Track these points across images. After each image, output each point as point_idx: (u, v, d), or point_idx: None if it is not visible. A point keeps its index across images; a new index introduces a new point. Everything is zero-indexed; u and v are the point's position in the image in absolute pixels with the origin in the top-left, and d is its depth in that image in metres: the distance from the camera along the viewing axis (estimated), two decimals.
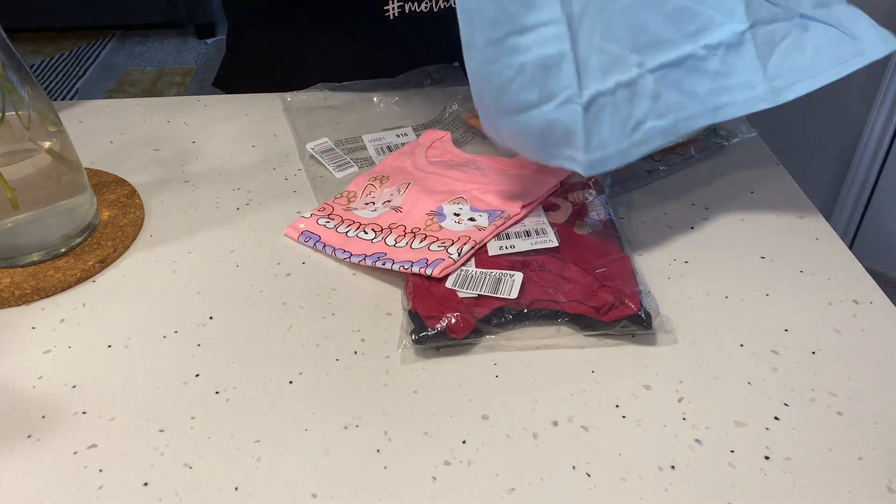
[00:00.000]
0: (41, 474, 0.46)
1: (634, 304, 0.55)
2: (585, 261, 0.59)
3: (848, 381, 0.52)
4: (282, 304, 0.58)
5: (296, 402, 0.50)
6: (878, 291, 0.60)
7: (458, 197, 0.66)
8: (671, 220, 0.67)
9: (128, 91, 2.65)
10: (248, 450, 0.48)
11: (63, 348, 0.55)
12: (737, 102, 0.58)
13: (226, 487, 0.45)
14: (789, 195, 0.71)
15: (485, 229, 0.61)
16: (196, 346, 0.55)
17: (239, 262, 0.63)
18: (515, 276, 0.57)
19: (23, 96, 0.57)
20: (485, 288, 0.56)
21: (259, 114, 0.83)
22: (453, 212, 0.64)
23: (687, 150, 0.75)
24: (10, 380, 0.52)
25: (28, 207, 0.59)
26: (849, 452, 0.47)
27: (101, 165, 0.74)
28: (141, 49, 2.91)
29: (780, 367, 0.53)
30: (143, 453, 0.47)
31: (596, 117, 0.54)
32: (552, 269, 0.58)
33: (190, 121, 0.82)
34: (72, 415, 0.50)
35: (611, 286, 0.56)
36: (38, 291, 0.59)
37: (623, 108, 0.54)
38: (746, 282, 0.60)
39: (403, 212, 0.65)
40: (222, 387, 0.52)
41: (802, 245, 0.65)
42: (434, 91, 0.83)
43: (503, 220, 0.62)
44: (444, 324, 0.53)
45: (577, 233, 0.63)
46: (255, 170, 0.74)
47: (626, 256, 0.60)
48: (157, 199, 0.70)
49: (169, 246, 0.64)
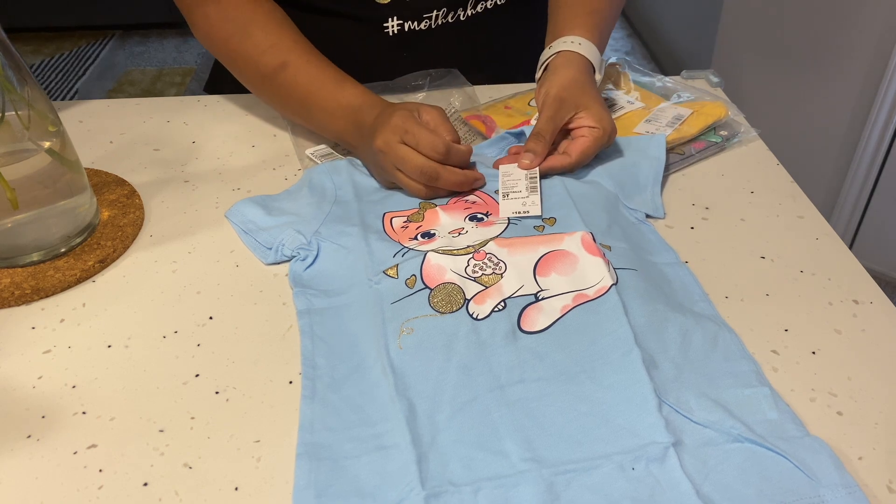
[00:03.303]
0: (41, 474, 0.46)
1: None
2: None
3: (848, 381, 0.52)
4: (282, 304, 0.58)
5: (296, 402, 0.50)
6: (878, 291, 0.60)
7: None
8: (671, 220, 0.67)
9: (128, 91, 2.65)
10: (248, 450, 0.48)
11: (63, 348, 0.55)
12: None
13: (226, 487, 0.45)
14: (789, 195, 0.71)
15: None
16: (196, 346, 0.55)
17: (239, 262, 0.63)
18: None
19: (23, 96, 0.57)
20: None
21: (259, 114, 0.83)
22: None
23: (687, 149, 0.75)
24: (10, 380, 0.52)
25: (28, 207, 0.59)
26: (849, 452, 0.47)
27: (101, 165, 0.74)
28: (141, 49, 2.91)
29: (780, 367, 0.53)
30: (143, 453, 0.47)
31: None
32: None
33: (190, 121, 0.82)
34: (72, 415, 0.50)
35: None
36: (38, 291, 0.59)
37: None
38: (746, 282, 0.60)
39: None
40: (222, 387, 0.52)
41: (802, 245, 0.65)
42: (434, 93, 0.83)
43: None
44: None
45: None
46: (255, 170, 0.74)
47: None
48: (157, 199, 0.70)
49: (169, 246, 0.64)
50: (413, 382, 0.50)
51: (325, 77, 0.72)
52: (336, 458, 0.46)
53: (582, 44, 0.72)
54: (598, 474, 0.44)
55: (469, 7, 0.83)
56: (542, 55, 0.74)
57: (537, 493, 0.43)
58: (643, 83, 0.85)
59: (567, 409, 0.48)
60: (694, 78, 0.88)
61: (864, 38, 1.52)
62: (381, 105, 0.68)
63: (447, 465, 0.45)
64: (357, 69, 0.74)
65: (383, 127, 0.64)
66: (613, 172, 0.70)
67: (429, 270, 0.56)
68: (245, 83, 0.77)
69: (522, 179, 0.66)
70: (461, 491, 0.44)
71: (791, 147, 1.67)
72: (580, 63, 0.71)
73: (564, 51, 0.72)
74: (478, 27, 0.85)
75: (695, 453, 0.46)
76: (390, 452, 0.46)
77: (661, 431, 0.46)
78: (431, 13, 0.82)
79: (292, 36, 0.74)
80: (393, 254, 0.59)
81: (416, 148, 0.63)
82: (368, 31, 0.82)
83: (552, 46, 0.73)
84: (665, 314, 0.54)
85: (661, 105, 0.80)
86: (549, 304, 0.54)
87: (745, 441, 0.46)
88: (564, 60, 0.71)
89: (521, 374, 0.50)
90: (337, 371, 0.52)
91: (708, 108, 0.78)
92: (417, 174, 0.64)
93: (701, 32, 2.20)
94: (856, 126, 1.60)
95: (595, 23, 0.74)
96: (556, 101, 0.68)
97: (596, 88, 0.71)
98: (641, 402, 0.48)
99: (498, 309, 0.53)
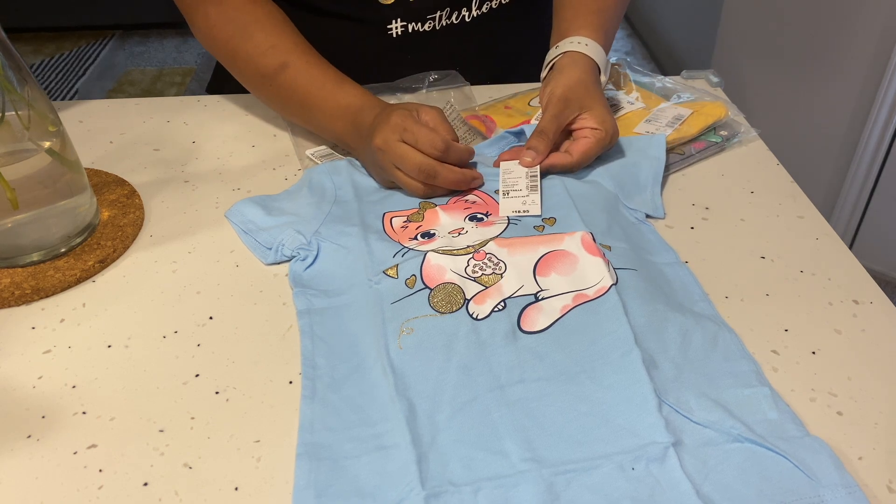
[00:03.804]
0: (41, 474, 0.46)
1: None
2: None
3: (848, 381, 0.52)
4: (282, 304, 0.58)
5: (296, 402, 0.50)
6: (878, 291, 0.60)
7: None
8: (671, 220, 0.67)
9: (128, 91, 2.65)
10: (248, 450, 0.48)
11: (63, 348, 0.55)
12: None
13: (226, 487, 0.45)
14: (789, 195, 0.71)
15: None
16: (196, 346, 0.55)
17: (239, 262, 0.63)
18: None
19: (23, 96, 0.57)
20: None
21: (259, 114, 0.83)
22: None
23: (687, 149, 0.75)
24: (10, 380, 0.52)
25: (28, 207, 0.59)
26: (849, 452, 0.47)
27: (101, 165, 0.74)
28: (141, 49, 2.91)
29: (780, 367, 0.53)
30: (143, 453, 0.47)
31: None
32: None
33: (190, 121, 0.82)
34: (72, 415, 0.50)
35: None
36: (38, 291, 0.59)
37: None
38: (746, 282, 0.60)
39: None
40: (222, 387, 0.52)
41: (802, 245, 0.65)
42: (433, 93, 0.83)
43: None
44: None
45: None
46: (255, 170, 0.74)
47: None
48: (157, 199, 0.70)
49: (169, 246, 0.64)
50: (413, 382, 0.50)
51: (324, 78, 0.72)
52: (336, 458, 0.46)
53: (588, 45, 0.72)
54: (598, 474, 0.44)
55: (473, 8, 0.83)
56: (549, 55, 0.75)
57: (537, 493, 0.43)
58: (643, 83, 0.85)
59: (567, 409, 0.48)
60: (694, 78, 0.88)
61: (864, 38, 1.52)
62: (380, 106, 0.68)
63: (447, 465, 0.45)
64: (360, 71, 0.74)
65: (383, 126, 0.64)
66: (613, 172, 0.70)
67: (429, 270, 0.56)
68: (245, 84, 0.77)
69: (523, 178, 0.66)
70: (461, 491, 0.44)
71: (791, 147, 1.67)
72: (586, 64, 0.71)
73: (571, 51, 0.72)
74: (481, 28, 0.85)
75: (695, 453, 0.46)
76: (390, 452, 0.46)
77: (661, 431, 0.46)
78: (435, 14, 0.82)
79: (292, 37, 0.74)
80: (393, 254, 0.59)
81: (415, 145, 0.63)
82: (372, 32, 0.82)
83: (559, 46, 0.73)
84: (665, 314, 0.54)
85: (661, 105, 0.80)
86: (548, 304, 0.54)
87: (745, 441, 0.46)
88: (571, 61, 0.71)
89: (521, 374, 0.50)
90: (337, 371, 0.52)
91: (708, 109, 0.78)
92: (416, 171, 0.64)
93: (701, 32, 2.20)
94: (856, 126, 1.60)
95: (601, 23, 0.75)
96: (560, 100, 0.68)
97: (600, 90, 0.71)
98: (641, 402, 0.48)
99: (498, 309, 0.53)
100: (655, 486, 0.44)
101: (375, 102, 0.69)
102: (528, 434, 0.47)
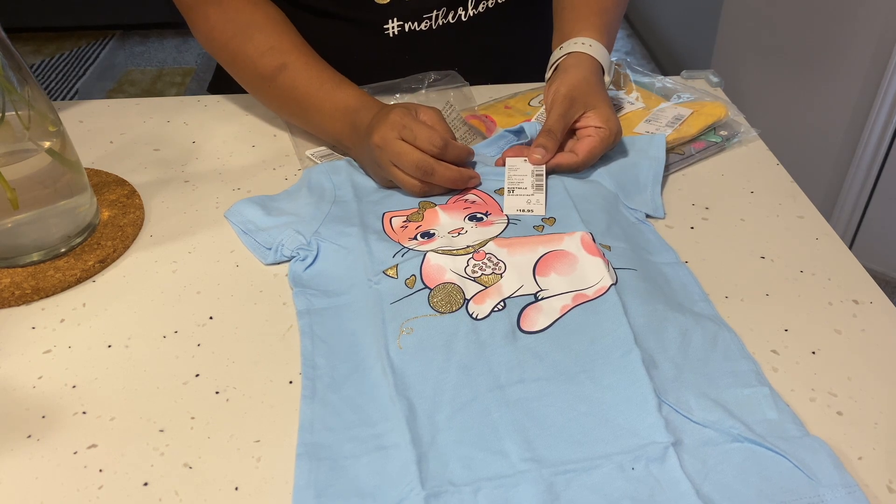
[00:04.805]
0: (41, 474, 0.46)
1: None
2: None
3: (848, 381, 0.52)
4: (282, 304, 0.58)
5: (296, 402, 0.50)
6: (878, 291, 0.60)
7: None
8: (671, 220, 0.67)
9: (128, 91, 2.65)
10: (248, 450, 0.48)
11: (63, 348, 0.55)
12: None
13: (226, 487, 0.45)
14: (789, 195, 0.71)
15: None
16: (196, 346, 0.55)
17: (239, 262, 0.63)
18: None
19: (23, 96, 0.57)
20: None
21: (259, 114, 0.83)
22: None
23: (687, 149, 0.75)
24: (10, 380, 0.52)
25: (28, 207, 0.59)
26: (849, 452, 0.47)
27: (101, 165, 0.74)
28: (141, 49, 2.91)
29: (780, 367, 0.53)
30: (143, 453, 0.47)
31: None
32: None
33: (190, 121, 0.82)
34: (72, 415, 0.50)
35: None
36: (38, 291, 0.59)
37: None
38: (746, 282, 0.60)
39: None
40: (222, 387, 0.52)
41: (802, 245, 0.65)
42: (432, 93, 0.83)
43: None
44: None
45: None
46: (255, 170, 0.74)
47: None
48: (157, 199, 0.70)
49: (169, 246, 0.64)
50: (413, 382, 0.50)
51: (322, 79, 0.72)
52: (336, 458, 0.46)
53: (592, 45, 0.72)
54: (597, 474, 0.44)
55: (469, 7, 0.83)
56: (553, 55, 0.75)
57: (537, 492, 0.43)
58: (643, 83, 0.85)
59: (567, 409, 0.48)
60: (694, 78, 0.88)
61: (864, 38, 1.52)
62: (378, 106, 0.68)
63: (447, 465, 0.45)
64: (358, 71, 0.74)
65: (381, 123, 0.64)
66: (613, 172, 0.70)
67: (428, 270, 0.56)
68: (244, 85, 0.77)
69: (528, 176, 0.66)
70: (461, 491, 0.44)
71: (791, 147, 1.67)
72: (590, 64, 0.72)
73: (575, 52, 0.72)
74: (479, 27, 0.85)
75: (694, 453, 0.46)
76: (390, 452, 0.46)
77: (660, 431, 0.46)
78: (431, 13, 0.82)
79: (291, 38, 0.74)
80: (392, 254, 0.59)
81: (414, 143, 0.63)
82: (369, 33, 0.82)
83: (563, 47, 0.73)
84: (665, 314, 0.54)
85: (661, 105, 0.80)
86: (548, 304, 0.54)
87: (744, 441, 0.46)
88: (575, 61, 0.72)
89: (520, 373, 0.50)
90: (337, 371, 0.52)
91: (708, 109, 0.78)
92: (413, 169, 0.64)
93: (701, 32, 2.20)
94: (856, 126, 1.60)
95: (604, 23, 0.75)
96: (566, 99, 0.69)
97: (605, 90, 0.72)
98: (641, 401, 0.48)
99: (497, 309, 0.53)
100: (655, 486, 0.44)
101: (373, 103, 0.69)
102: (527, 434, 0.47)
